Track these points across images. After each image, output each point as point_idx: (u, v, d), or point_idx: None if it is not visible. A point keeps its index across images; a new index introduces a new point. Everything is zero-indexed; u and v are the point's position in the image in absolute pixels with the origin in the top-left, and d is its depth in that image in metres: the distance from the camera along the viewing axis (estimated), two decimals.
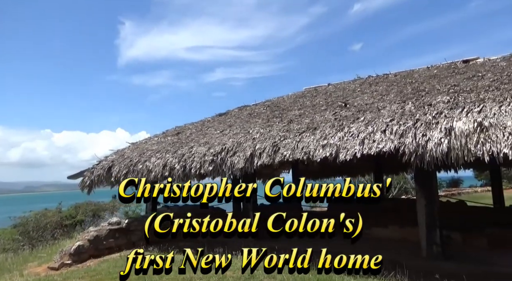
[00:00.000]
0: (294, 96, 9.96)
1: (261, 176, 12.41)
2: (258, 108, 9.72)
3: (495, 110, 4.58)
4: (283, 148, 6.16)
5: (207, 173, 6.97)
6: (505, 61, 7.05)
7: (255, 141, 6.71)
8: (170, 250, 6.60)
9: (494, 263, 5.25)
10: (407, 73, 8.64)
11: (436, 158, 4.58)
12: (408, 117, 5.31)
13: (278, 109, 8.73)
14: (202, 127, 9.43)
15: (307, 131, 6.25)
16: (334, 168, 12.10)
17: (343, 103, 7.21)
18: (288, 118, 7.50)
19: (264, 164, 6.29)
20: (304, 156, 5.81)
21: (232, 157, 6.70)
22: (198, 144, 7.66)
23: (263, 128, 7.31)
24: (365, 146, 5.22)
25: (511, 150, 4.08)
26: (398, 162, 5.10)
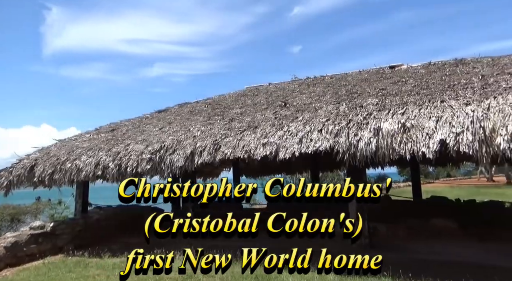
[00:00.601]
0: (235, 95, 10.00)
1: (202, 175, 12.26)
2: (199, 105, 9.57)
3: (415, 112, 5.08)
4: (224, 146, 6.14)
5: (144, 172, 6.68)
6: (424, 68, 7.85)
7: (195, 139, 6.60)
8: (103, 254, 6.22)
9: (415, 251, 5.83)
10: (342, 76, 9.18)
11: (366, 156, 4.95)
12: (342, 117, 5.64)
13: (220, 107, 8.69)
14: (139, 124, 9.00)
15: (248, 129, 6.31)
16: (274, 166, 12.41)
17: (283, 102, 7.42)
18: (229, 116, 7.50)
19: (205, 162, 6.22)
20: (245, 155, 5.87)
21: (171, 155, 6.51)
22: (135, 142, 7.30)
23: (204, 126, 7.21)
24: (303, 145, 5.44)
25: (428, 149, 4.56)
26: (332, 160, 5.40)
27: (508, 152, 4.13)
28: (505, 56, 7.03)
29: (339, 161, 5.24)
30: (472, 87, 5.48)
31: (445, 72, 6.90)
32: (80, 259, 6.14)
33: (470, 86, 5.57)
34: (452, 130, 4.54)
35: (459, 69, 6.94)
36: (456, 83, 5.93)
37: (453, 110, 4.81)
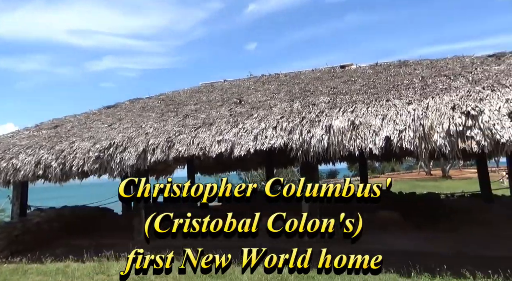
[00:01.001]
0: (190, 91, 9.81)
1: (154, 173, 11.88)
2: (152, 101, 9.24)
3: (363, 110, 5.35)
4: (178, 143, 6.01)
5: (92, 171, 6.33)
6: (372, 69, 8.30)
7: (148, 136, 6.37)
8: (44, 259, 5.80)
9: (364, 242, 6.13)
10: (295, 74, 9.39)
11: (318, 153, 5.12)
12: (295, 115, 5.78)
13: (174, 104, 8.48)
14: (86, 120, 8.49)
15: (203, 126, 6.23)
16: (229, 163, 12.40)
17: (238, 99, 7.42)
18: (183, 113, 7.34)
19: (158, 160, 6.04)
20: (199, 152, 5.79)
21: (122, 153, 6.23)
22: (81, 139, 6.88)
23: (157, 122, 6.99)
24: (258, 142, 5.49)
25: (375, 145, 4.84)
26: (286, 157, 5.52)
27: (444, 148, 4.50)
28: (441, 59, 7.65)
29: (293, 157, 5.37)
30: (413, 88, 5.89)
31: (390, 73, 7.34)
32: (18, 266, 5.67)
33: (412, 86, 5.99)
34: (396, 128, 4.85)
35: (402, 70, 7.42)
36: (400, 83, 6.34)
37: (397, 108, 5.14)
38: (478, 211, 8.83)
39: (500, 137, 4.21)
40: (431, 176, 30.63)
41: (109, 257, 5.58)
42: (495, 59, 6.55)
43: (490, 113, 4.43)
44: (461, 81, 5.65)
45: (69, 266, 5.47)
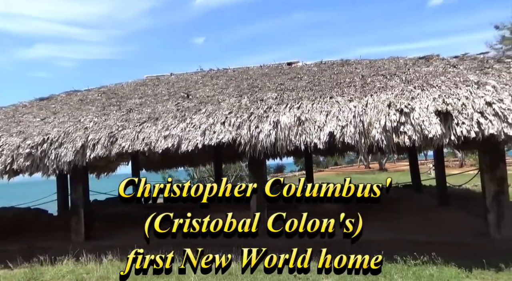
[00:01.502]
0: (134, 84, 9.36)
1: (95, 170, 11.21)
2: (91, 94, 8.66)
3: (309, 107, 5.54)
4: (121, 138, 5.72)
5: (22, 169, 5.80)
6: (317, 67, 8.61)
7: (87, 131, 5.98)
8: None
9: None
10: (244, 70, 9.42)
11: (266, 148, 5.21)
12: (244, 110, 5.81)
13: (116, 97, 8.03)
14: (14, 113, 7.71)
15: (148, 121, 6.00)
16: (176, 158, 12.11)
17: (185, 94, 7.26)
18: (127, 106, 7.00)
19: (99, 156, 5.71)
20: (145, 147, 5.58)
21: (57, 149, 5.78)
22: (8, 134, 6.25)
23: (98, 116, 6.58)
24: (207, 137, 5.44)
25: (319, 140, 5.05)
26: (235, 152, 5.54)
27: (381, 142, 4.84)
28: (379, 60, 8.18)
29: (241, 152, 5.41)
30: (354, 86, 6.23)
31: (333, 71, 7.68)
32: None
33: (353, 84, 6.33)
34: (338, 124, 5.10)
35: (344, 69, 7.81)
36: (342, 81, 6.67)
37: (340, 105, 5.41)
38: (409, 200, 9.68)
39: (428, 132, 4.64)
40: (370, 169, 32.88)
41: (43, 261, 5.16)
42: (424, 61, 7.16)
43: (420, 111, 4.85)
44: (396, 80, 6.10)
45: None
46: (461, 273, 4.17)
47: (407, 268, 4.36)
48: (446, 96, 4.97)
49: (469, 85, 5.17)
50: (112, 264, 4.98)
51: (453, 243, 5.27)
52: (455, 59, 6.83)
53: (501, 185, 5.48)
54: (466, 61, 6.52)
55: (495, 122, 4.52)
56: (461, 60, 6.66)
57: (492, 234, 5.44)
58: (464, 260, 4.39)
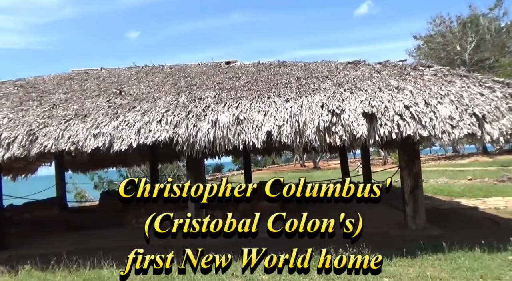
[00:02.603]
0: (58, 78, 8.56)
1: (10, 171, 10.02)
2: (5, 87, 7.72)
3: (247, 106, 5.61)
4: (43, 137, 5.21)
5: None
6: (255, 67, 8.75)
7: (1, 129, 5.33)
8: None
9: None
10: (181, 67, 9.19)
11: (204, 147, 5.16)
12: (181, 109, 5.67)
13: (37, 91, 7.27)
14: None
15: (75, 118, 5.55)
16: (107, 158, 11.38)
17: (118, 90, 6.85)
18: (50, 102, 6.38)
19: (15, 156, 5.13)
20: (71, 147, 5.15)
21: None
22: None
23: (14, 112, 5.90)
24: (141, 136, 5.20)
25: (257, 139, 5.14)
26: (172, 151, 5.38)
27: (314, 142, 5.10)
28: (313, 63, 8.60)
29: (179, 152, 5.27)
30: (290, 87, 6.46)
31: (271, 72, 7.88)
32: None
33: (289, 85, 6.56)
34: (276, 123, 5.25)
35: (281, 70, 8.05)
36: (279, 82, 6.87)
37: (277, 105, 5.57)
38: None
39: (356, 133, 5.00)
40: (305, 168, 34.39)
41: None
42: (353, 66, 7.71)
43: (350, 112, 5.21)
44: (328, 83, 6.47)
45: None
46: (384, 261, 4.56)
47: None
48: (372, 99, 5.41)
49: (391, 90, 5.70)
50: (31, 275, 4.51)
51: (376, 234, 5.74)
52: (379, 65, 7.46)
53: (417, 180, 6.15)
54: (388, 68, 7.17)
55: (412, 124, 5.04)
56: (384, 66, 7.31)
57: (409, 224, 6.07)
58: (386, 249, 4.81)
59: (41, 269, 4.66)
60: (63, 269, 4.63)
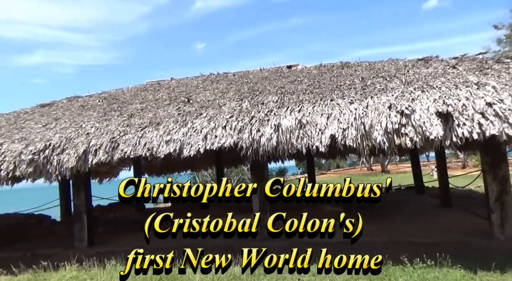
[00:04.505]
0: (135, 89, 9.40)
1: (97, 175, 11.23)
2: (92, 100, 8.71)
3: (310, 110, 5.55)
4: (123, 144, 5.74)
5: (24, 175, 5.82)
6: (316, 69, 8.63)
7: (89, 137, 6.01)
8: None
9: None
10: (244, 74, 9.45)
11: (267, 151, 5.23)
12: (245, 114, 5.82)
13: (117, 102, 8.07)
14: (16, 119, 7.75)
15: (149, 126, 6.02)
16: (178, 163, 12.12)
17: (186, 98, 7.28)
18: (128, 112, 7.03)
19: (101, 162, 5.72)
20: (147, 153, 5.60)
21: (60, 155, 5.80)
22: (10, 141, 6.27)
23: (99, 122, 6.61)
24: (208, 141, 5.45)
25: (321, 143, 5.06)
26: (236, 156, 5.55)
27: (382, 144, 4.85)
28: (379, 62, 8.20)
29: (243, 156, 5.41)
30: (354, 88, 6.24)
31: (333, 74, 7.70)
32: None
33: (353, 87, 6.34)
34: (340, 126, 5.11)
35: (344, 71, 7.82)
36: (342, 83, 6.68)
37: (341, 108, 5.42)
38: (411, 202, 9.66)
39: (429, 134, 4.64)
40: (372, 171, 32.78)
41: (46, 267, 5.16)
42: (424, 63, 7.17)
43: (421, 112, 4.85)
44: (396, 82, 6.11)
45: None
46: (466, 275, 4.14)
47: (412, 270, 4.34)
48: (447, 97, 4.98)
49: (469, 86, 5.18)
50: (116, 269, 4.97)
51: (457, 244, 5.24)
52: (454, 60, 6.83)
53: (504, 185, 5.47)
54: (465, 62, 6.53)
55: (496, 122, 4.51)
56: (460, 61, 6.67)
57: (496, 234, 5.42)
58: (469, 261, 4.36)
59: (124, 264, 5.11)
60: None
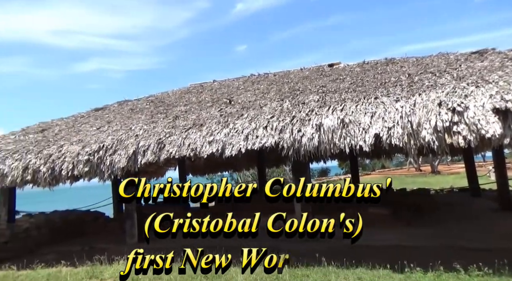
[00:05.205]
0: (179, 92, 9.77)
1: (145, 175, 11.79)
2: (140, 103, 9.18)
3: (353, 109, 5.41)
4: (168, 145, 5.99)
5: (82, 174, 6.27)
6: (359, 67, 8.39)
7: (138, 138, 6.34)
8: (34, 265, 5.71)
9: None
10: (284, 74, 9.43)
11: (309, 151, 5.17)
12: (286, 114, 5.81)
13: (163, 105, 8.44)
14: (74, 123, 8.39)
15: (193, 127, 6.22)
16: (220, 163, 12.38)
17: (228, 100, 7.43)
18: (173, 114, 7.32)
19: (149, 162, 6.01)
20: (191, 153, 5.78)
21: (112, 155, 6.18)
22: (69, 143, 6.80)
23: (147, 124, 6.95)
24: (249, 141, 5.51)
25: (365, 143, 4.90)
26: (278, 156, 5.55)
27: (432, 143, 4.58)
28: (427, 57, 7.77)
29: (284, 156, 5.40)
30: (400, 85, 5.98)
31: (377, 71, 7.43)
32: (7, 273, 5.58)
33: (399, 83, 6.07)
34: (384, 125, 4.92)
35: (389, 68, 7.52)
36: (387, 81, 6.43)
37: (385, 106, 5.21)
38: (466, 205, 9.02)
39: (485, 132, 4.31)
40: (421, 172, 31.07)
41: (102, 261, 5.53)
42: (478, 56, 6.68)
43: (475, 109, 4.52)
44: (446, 77, 5.76)
45: (61, 271, 5.41)
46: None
47: (468, 278, 4.05)
48: (505, 93, 4.59)
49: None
50: None
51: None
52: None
53: None
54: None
55: None
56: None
57: None
58: None
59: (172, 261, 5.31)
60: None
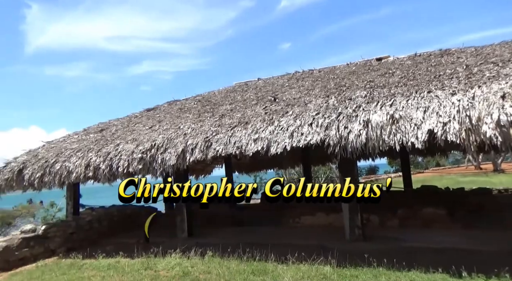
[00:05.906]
0: (225, 91, 9.98)
1: (194, 172, 12.23)
2: (188, 103, 9.52)
3: (403, 103, 5.15)
4: (215, 143, 6.14)
5: (136, 171, 6.64)
6: (410, 60, 7.95)
7: (186, 137, 6.58)
8: (96, 255, 6.20)
9: (405, 240, 5.95)
10: (330, 69, 9.23)
11: (356, 148, 5.00)
12: (331, 110, 5.68)
13: (210, 104, 8.67)
14: (128, 123, 8.93)
15: (238, 125, 6.32)
16: (265, 161, 12.46)
17: (272, 97, 7.44)
18: (219, 113, 7.49)
19: (197, 160, 6.21)
20: (236, 151, 5.88)
21: (163, 153, 6.48)
22: (125, 141, 7.24)
23: (195, 123, 7.19)
24: (294, 139, 5.47)
25: (417, 139, 4.64)
26: (323, 153, 5.45)
27: (494, 139, 4.22)
28: (488, 46, 7.16)
29: (330, 154, 5.29)
30: (457, 77, 5.57)
31: (430, 63, 6.99)
32: (74, 261, 6.11)
33: (455, 76, 5.67)
34: (439, 120, 4.62)
35: (444, 59, 7.04)
36: (442, 73, 6.03)
37: (440, 100, 4.89)
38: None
39: None
40: (481, 170, 28.71)
41: (156, 253, 5.85)
42: None
43: None
44: (511, 67, 5.26)
45: (120, 262, 5.81)
46: None
47: None
48: None
49: None
50: (213, 261, 5.37)
51: None
52: None
53: None
54: None
55: None
56: None
57: None
58: None
59: (219, 256, 5.50)
60: (236, 258, 5.32)
